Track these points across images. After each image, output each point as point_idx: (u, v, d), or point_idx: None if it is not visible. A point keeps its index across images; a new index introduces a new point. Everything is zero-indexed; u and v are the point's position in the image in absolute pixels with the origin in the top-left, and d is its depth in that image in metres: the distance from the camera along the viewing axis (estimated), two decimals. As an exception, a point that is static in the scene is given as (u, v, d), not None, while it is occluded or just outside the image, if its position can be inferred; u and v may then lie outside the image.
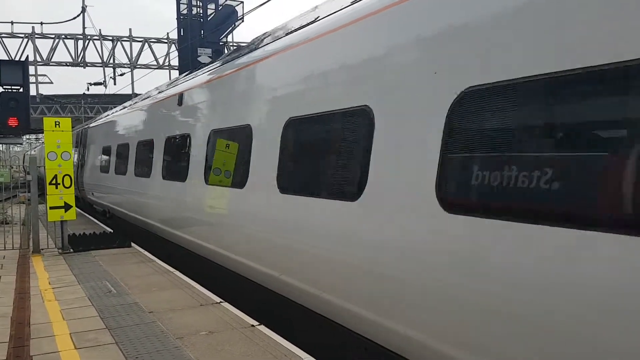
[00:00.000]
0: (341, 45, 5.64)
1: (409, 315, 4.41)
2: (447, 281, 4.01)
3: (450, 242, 3.99)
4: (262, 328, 6.19)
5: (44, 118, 12.10)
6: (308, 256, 5.88)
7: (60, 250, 11.64)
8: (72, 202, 11.60)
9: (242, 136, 7.60)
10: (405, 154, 4.55)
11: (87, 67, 34.76)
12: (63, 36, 33.75)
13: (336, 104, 5.56)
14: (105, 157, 17.50)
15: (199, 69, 11.90)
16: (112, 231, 14.47)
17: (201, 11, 28.22)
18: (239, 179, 7.58)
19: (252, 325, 6.27)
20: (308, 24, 6.59)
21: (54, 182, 11.37)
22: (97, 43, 34.47)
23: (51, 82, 36.37)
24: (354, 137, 5.31)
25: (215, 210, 8.55)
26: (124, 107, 17.73)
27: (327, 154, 5.78)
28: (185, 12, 28.54)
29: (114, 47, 34.94)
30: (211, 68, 10.03)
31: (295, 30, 6.87)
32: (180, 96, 10.63)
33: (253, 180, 7.20)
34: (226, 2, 27.87)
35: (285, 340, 5.76)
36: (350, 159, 5.35)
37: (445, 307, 4.01)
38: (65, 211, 11.53)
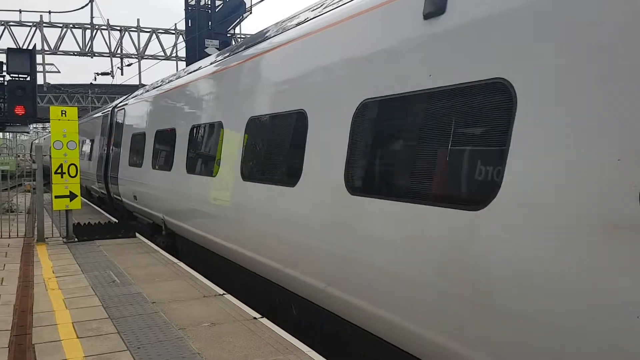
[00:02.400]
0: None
1: None
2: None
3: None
4: (265, 321, 6.17)
5: (50, 107, 12.10)
6: None
7: (64, 240, 11.65)
8: (77, 192, 11.61)
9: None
10: None
11: (94, 57, 34.64)
12: (71, 25, 33.66)
13: None
14: None
15: None
16: (117, 221, 14.48)
17: (209, 2, 28.13)
18: None
19: (255, 318, 6.25)
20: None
21: (59, 171, 11.38)
22: (105, 33, 34.38)
23: (59, 72, 36.37)
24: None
25: None
26: None
27: None
28: (193, 3, 28.47)
29: (121, 37, 34.86)
30: None
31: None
32: None
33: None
34: (234, -6, 27.76)
35: (287, 334, 5.74)
36: None
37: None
38: (71, 200, 11.53)
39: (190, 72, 11.02)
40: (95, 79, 41.30)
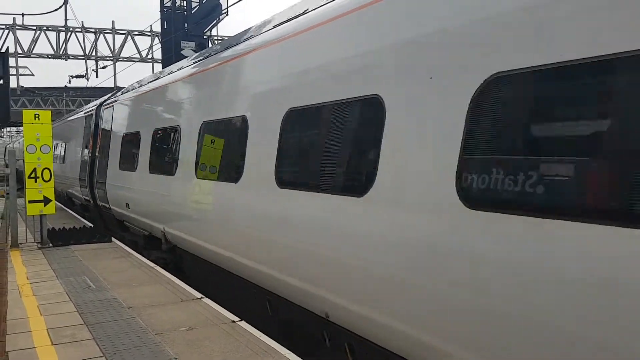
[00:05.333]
0: None
1: None
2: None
3: None
4: (243, 324, 6.14)
5: (23, 110, 11.91)
6: None
7: (39, 245, 11.47)
8: (51, 196, 11.44)
9: None
10: None
11: (69, 60, 34.30)
12: (45, 28, 33.26)
13: None
14: None
15: None
16: (92, 226, 14.32)
17: (185, 4, 27.97)
18: None
19: (233, 321, 6.23)
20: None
21: (33, 175, 11.20)
22: (80, 35, 34.04)
23: (32, 75, 35.95)
24: None
25: None
26: None
27: None
28: (168, 4, 28.28)
29: (96, 40, 34.53)
30: None
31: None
32: None
33: None
34: (210, -5, 27.62)
35: (265, 336, 5.72)
36: None
37: None
38: (45, 205, 11.36)
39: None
40: (69, 81, 40.87)
